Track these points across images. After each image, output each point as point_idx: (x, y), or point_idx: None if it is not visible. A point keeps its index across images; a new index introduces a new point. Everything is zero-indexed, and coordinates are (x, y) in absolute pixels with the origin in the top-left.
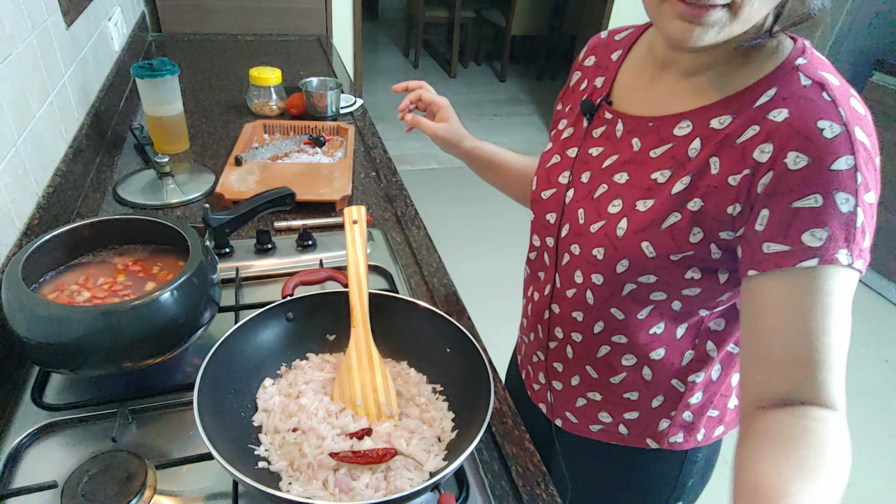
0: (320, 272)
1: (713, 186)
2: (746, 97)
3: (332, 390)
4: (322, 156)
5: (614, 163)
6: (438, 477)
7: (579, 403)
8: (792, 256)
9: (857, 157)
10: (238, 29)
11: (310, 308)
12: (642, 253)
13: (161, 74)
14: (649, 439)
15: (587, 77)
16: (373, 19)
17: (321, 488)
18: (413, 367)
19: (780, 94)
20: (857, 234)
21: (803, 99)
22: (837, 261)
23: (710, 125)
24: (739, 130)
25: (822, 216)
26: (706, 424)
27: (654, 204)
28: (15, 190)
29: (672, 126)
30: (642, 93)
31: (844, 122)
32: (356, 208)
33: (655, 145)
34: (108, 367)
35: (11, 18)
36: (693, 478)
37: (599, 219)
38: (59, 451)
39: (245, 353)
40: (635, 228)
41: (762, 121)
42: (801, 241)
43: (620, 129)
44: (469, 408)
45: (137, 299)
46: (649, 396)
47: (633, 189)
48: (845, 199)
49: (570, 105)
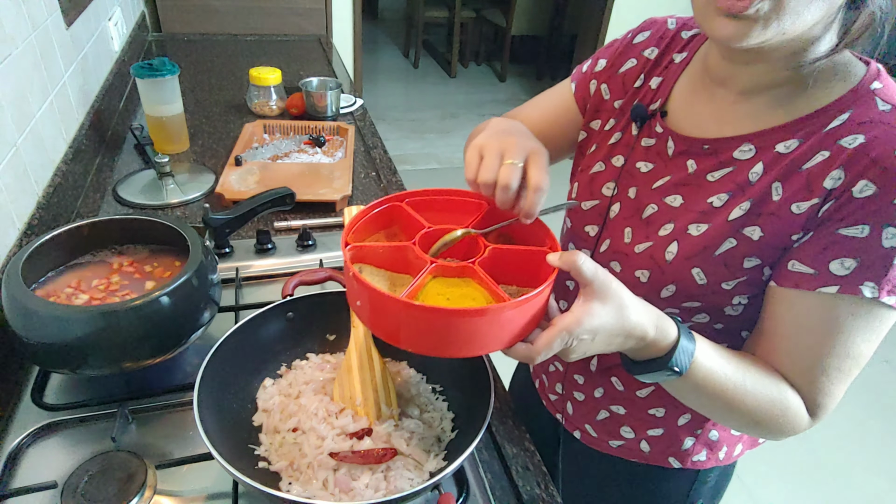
0: (320, 272)
1: (774, 214)
2: (816, 121)
3: (332, 390)
4: (322, 156)
5: (667, 184)
6: (438, 477)
7: (601, 416)
8: (813, 280)
9: None
10: (238, 29)
11: (310, 308)
12: (692, 279)
13: (161, 74)
14: (672, 458)
15: (643, 71)
16: (373, 19)
17: (321, 488)
18: (413, 367)
19: (854, 118)
20: (892, 272)
21: (881, 125)
22: (860, 292)
23: (774, 149)
24: (807, 156)
25: (860, 247)
26: (729, 442)
27: (708, 229)
28: (15, 190)
29: (733, 149)
30: (699, 109)
31: None
32: (356, 209)
33: (714, 168)
34: (107, 367)
35: (11, 18)
36: (703, 498)
37: (647, 240)
38: (59, 451)
39: (245, 353)
40: (686, 254)
41: (833, 146)
42: (828, 267)
43: (672, 147)
44: (469, 408)
45: (137, 299)
46: (676, 414)
47: (686, 213)
48: (893, 234)
49: (620, 100)
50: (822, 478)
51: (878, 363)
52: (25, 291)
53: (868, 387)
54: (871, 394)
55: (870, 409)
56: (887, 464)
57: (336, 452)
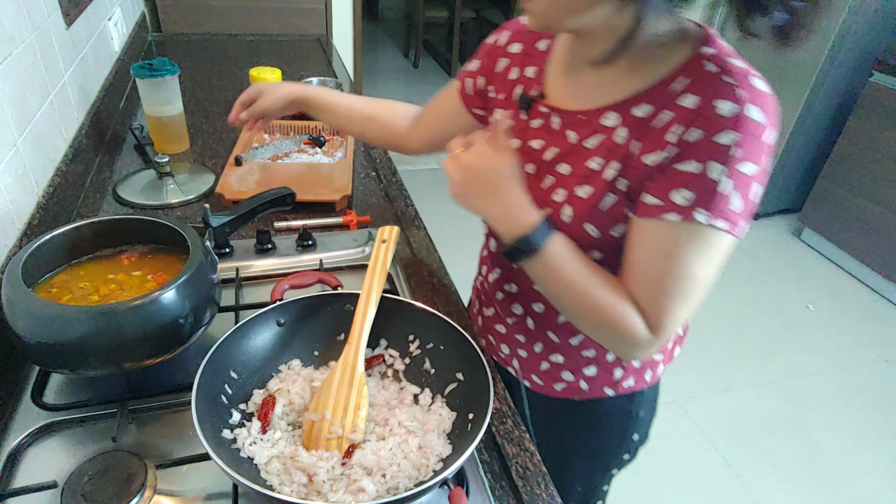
0: (309, 275)
1: (635, 168)
2: (662, 87)
3: (311, 400)
4: (322, 156)
5: (556, 155)
6: (439, 477)
7: (543, 367)
8: (660, 209)
9: (742, 133)
10: (238, 29)
11: (305, 311)
12: (588, 235)
13: (161, 74)
14: (607, 388)
15: (516, 65)
16: (373, 19)
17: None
18: (413, 367)
19: (691, 82)
20: (719, 199)
21: (708, 85)
22: (695, 219)
23: (632, 113)
24: (656, 116)
25: (693, 181)
26: (651, 366)
27: (592, 190)
28: (15, 190)
29: (600, 117)
30: (570, 85)
31: (739, 102)
32: (389, 229)
33: (589, 135)
34: (107, 367)
35: (11, 18)
36: (644, 408)
37: (546, 206)
38: (59, 451)
39: (243, 355)
40: (578, 214)
41: (674, 107)
42: (671, 197)
43: (557, 122)
44: (469, 408)
45: (137, 299)
46: (604, 352)
47: (573, 178)
48: (718, 169)
49: (504, 94)
50: (822, 478)
51: (878, 363)
52: (25, 291)
53: (868, 387)
54: (871, 394)
55: (870, 409)
56: (887, 464)
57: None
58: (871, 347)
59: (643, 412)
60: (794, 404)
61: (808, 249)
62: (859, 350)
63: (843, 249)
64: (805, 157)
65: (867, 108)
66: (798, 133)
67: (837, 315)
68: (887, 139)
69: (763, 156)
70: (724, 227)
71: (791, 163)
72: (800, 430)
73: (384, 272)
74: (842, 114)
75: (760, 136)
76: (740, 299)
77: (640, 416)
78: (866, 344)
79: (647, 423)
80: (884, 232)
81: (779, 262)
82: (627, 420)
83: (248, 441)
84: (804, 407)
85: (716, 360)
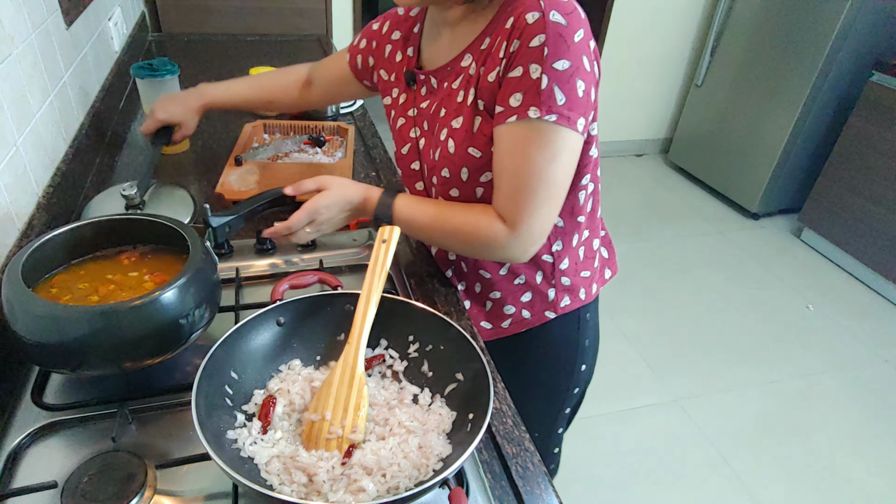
0: (309, 275)
1: (483, 87)
2: (495, 21)
3: (311, 400)
4: (322, 156)
5: (437, 106)
6: (440, 477)
7: (487, 307)
8: (504, 115)
9: (548, 34)
10: (238, 29)
11: (305, 311)
12: (472, 157)
13: (161, 74)
14: (547, 312)
15: (398, 49)
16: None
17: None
18: (413, 367)
19: (512, 9)
20: (543, 95)
21: (521, 4)
22: (528, 115)
23: (480, 49)
24: (493, 42)
25: (520, 83)
26: (583, 284)
27: (463, 119)
28: (15, 190)
29: (459, 62)
30: (436, 48)
31: (542, 10)
32: (389, 229)
33: (455, 79)
34: (107, 367)
35: (11, 18)
36: (588, 337)
37: (437, 147)
38: (59, 451)
39: (243, 355)
40: (459, 141)
41: (502, 31)
42: (509, 102)
43: (435, 81)
44: (469, 408)
45: (137, 299)
46: (532, 274)
47: (449, 116)
48: (536, 68)
49: (395, 74)
50: (822, 478)
51: (878, 363)
52: (25, 291)
53: (868, 387)
54: (871, 394)
55: (870, 409)
56: (887, 464)
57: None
58: (871, 347)
59: (588, 340)
60: (794, 404)
61: (808, 249)
62: (859, 350)
63: (843, 249)
64: (805, 157)
65: (867, 108)
66: (798, 133)
67: (837, 315)
68: (887, 139)
69: (574, 54)
70: (555, 119)
71: (791, 163)
72: (800, 430)
73: (384, 272)
74: (842, 114)
75: (565, 36)
76: (740, 299)
77: (585, 344)
78: (866, 344)
79: (592, 354)
80: (884, 232)
81: (779, 262)
82: (575, 349)
83: (248, 441)
84: (804, 407)
85: (716, 360)
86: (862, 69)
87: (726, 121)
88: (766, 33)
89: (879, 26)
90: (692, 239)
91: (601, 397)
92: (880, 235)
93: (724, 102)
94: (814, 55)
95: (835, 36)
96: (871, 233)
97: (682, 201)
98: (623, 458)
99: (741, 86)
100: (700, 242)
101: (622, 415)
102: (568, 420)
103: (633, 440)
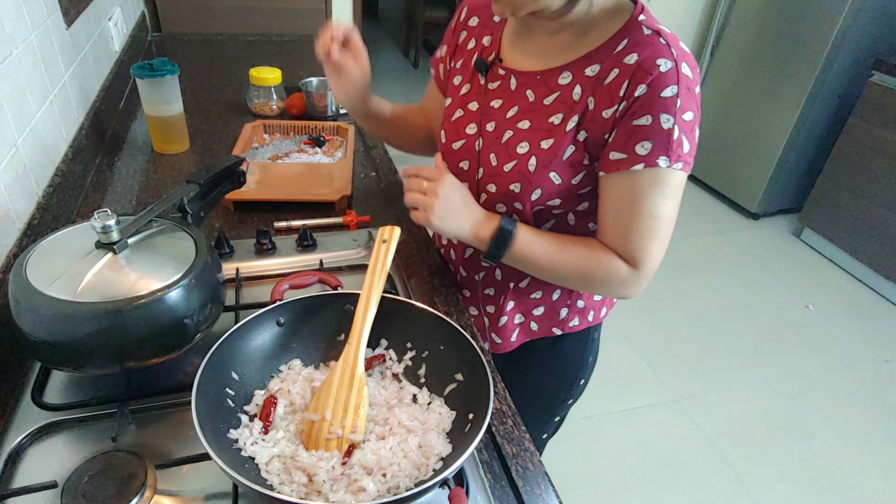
0: (309, 275)
1: (592, 121)
2: (607, 48)
3: (311, 400)
4: (322, 156)
5: (516, 113)
6: (440, 477)
7: (502, 322)
8: (628, 162)
9: (680, 86)
10: (238, 29)
11: (305, 311)
12: (551, 182)
13: (161, 74)
14: (554, 328)
15: (473, 36)
16: (373, 19)
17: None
18: (413, 367)
19: (630, 43)
20: (674, 144)
21: (648, 45)
22: (657, 164)
23: (585, 73)
24: (606, 74)
25: (649, 132)
26: (594, 307)
27: (554, 142)
28: (15, 190)
29: (556, 77)
30: (524, 49)
31: (675, 60)
32: (389, 229)
33: (547, 94)
34: (112, 366)
35: (11, 18)
36: (592, 354)
37: (510, 160)
38: (59, 451)
39: (243, 355)
40: (543, 163)
41: (620, 65)
42: (635, 150)
43: (514, 83)
44: (469, 408)
45: (143, 297)
46: (550, 292)
47: (535, 132)
48: (667, 119)
49: (462, 61)
50: (822, 478)
51: (878, 363)
52: (31, 289)
53: (868, 387)
54: (871, 394)
55: (870, 409)
56: (887, 464)
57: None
58: (872, 347)
59: (591, 358)
60: (794, 404)
61: (808, 249)
62: (859, 350)
63: (843, 249)
64: (805, 157)
65: (867, 108)
66: (798, 133)
67: (837, 315)
68: (887, 139)
69: (696, 105)
70: (680, 167)
71: (791, 163)
72: (800, 430)
73: (384, 272)
74: (842, 114)
75: (692, 88)
76: (740, 299)
77: (589, 361)
78: (866, 344)
79: (591, 369)
80: (884, 232)
81: (779, 262)
82: (578, 366)
83: (249, 441)
84: (804, 407)
85: (716, 360)
86: (862, 69)
87: (726, 121)
88: (766, 33)
89: (879, 26)
90: (692, 239)
91: (601, 397)
92: (880, 235)
93: (724, 103)
94: (814, 55)
95: (835, 36)
96: (871, 233)
97: (682, 201)
98: (623, 458)
99: (741, 86)
100: (700, 242)
101: (622, 415)
102: (556, 427)
103: (633, 440)
